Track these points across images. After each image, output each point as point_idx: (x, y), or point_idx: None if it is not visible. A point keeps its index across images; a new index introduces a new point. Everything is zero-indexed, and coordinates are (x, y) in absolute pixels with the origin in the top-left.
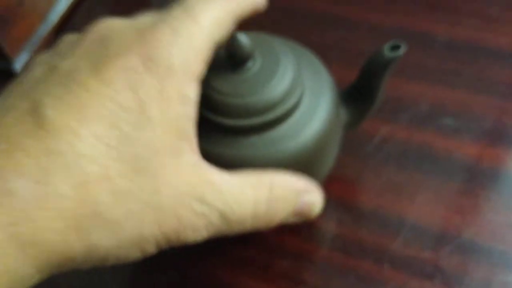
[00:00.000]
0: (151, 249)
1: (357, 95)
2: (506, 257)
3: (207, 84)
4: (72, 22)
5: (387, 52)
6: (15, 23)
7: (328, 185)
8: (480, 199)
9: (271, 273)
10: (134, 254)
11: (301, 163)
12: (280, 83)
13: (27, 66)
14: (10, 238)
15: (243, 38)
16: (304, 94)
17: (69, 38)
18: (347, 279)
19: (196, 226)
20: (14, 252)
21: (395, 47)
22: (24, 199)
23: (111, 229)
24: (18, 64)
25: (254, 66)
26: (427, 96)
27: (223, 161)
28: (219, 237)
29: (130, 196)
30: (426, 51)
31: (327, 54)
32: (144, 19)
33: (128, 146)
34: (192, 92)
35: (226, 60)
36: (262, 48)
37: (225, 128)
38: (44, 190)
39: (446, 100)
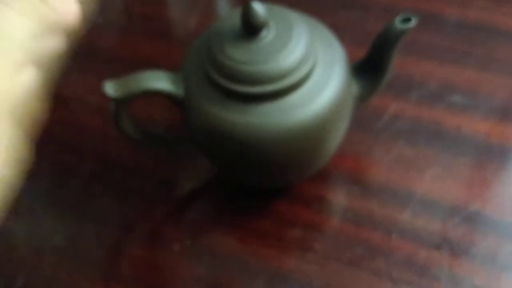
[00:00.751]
0: None
1: (368, 68)
2: None
3: (221, 52)
4: None
5: (398, 24)
6: None
7: (339, 159)
8: (488, 173)
9: (284, 242)
10: None
11: (312, 132)
12: (293, 53)
13: None
14: None
15: (258, 7)
16: (317, 65)
17: None
18: (357, 249)
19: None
20: None
21: (407, 20)
22: None
23: None
24: None
25: (268, 35)
26: (438, 75)
27: (237, 128)
28: (233, 210)
29: None
30: (437, 31)
31: (340, 34)
32: None
33: None
34: None
35: (241, 28)
36: (276, 18)
37: (238, 95)
38: None
39: (456, 78)
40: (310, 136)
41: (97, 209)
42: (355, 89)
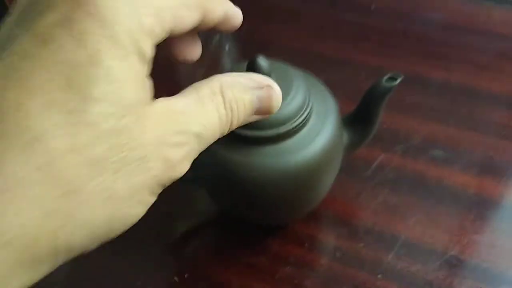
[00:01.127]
0: (148, 198)
1: (358, 121)
2: (489, 273)
3: None
4: None
5: (385, 82)
6: None
7: (330, 202)
8: (466, 221)
9: (276, 278)
10: (135, 210)
11: (306, 174)
12: (292, 102)
13: None
14: None
15: (262, 61)
16: (312, 114)
17: None
18: (344, 287)
19: (180, 158)
20: None
21: (392, 78)
22: None
23: (103, 200)
24: None
25: None
26: (422, 130)
27: (239, 167)
28: (231, 245)
29: (106, 161)
30: (422, 91)
31: (334, 89)
32: None
33: (91, 106)
34: (148, 49)
35: None
36: (278, 72)
37: (242, 138)
38: (3, 182)
39: (439, 134)
40: (304, 177)
41: None
42: (345, 138)
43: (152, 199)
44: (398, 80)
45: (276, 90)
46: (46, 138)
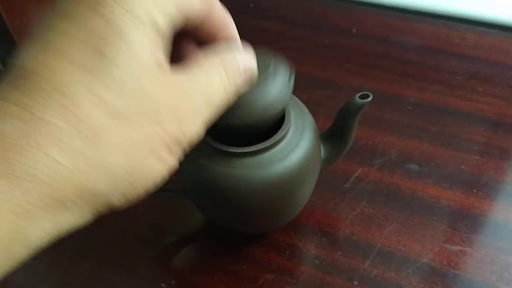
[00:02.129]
0: (167, 157)
1: (334, 136)
2: (459, 280)
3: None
4: None
5: (358, 99)
6: None
7: (310, 213)
8: (438, 231)
9: (258, 285)
10: (155, 165)
11: (285, 184)
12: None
13: None
14: (5, 178)
15: None
16: (291, 128)
17: None
18: None
19: (193, 123)
20: (13, 191)
21: (365, 96)
22: (13, 138)
23: (123, 149)
24: None
25: None
26: (397, 146)
27: (221, 177)
28: (215, 253)
29: (127, 114)
30: (398, 109)
31: (314, 108)
32: None
33: (113, 67)
34: (164, 26)
35: None
36: None
37: (223, 151)
38: (33, 127)
39: (413, 150)
40: (283, 187)
41: (91, 249)
42: (323, 152)
43: (171, 160)
44: (369, 98)
45: (253, 61)
46: (75, 95)
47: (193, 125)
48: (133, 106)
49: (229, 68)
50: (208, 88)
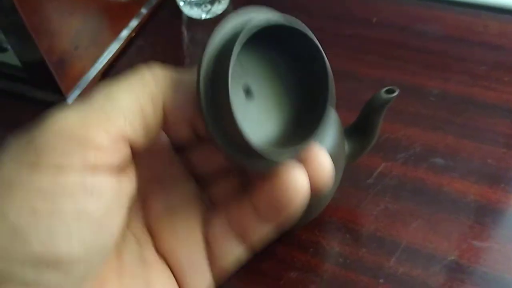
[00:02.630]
0: None
1: (358, 131)
2: (487, 278)
3: None
4: (116, 66)
5: (383, 94)
6: (71, 64)
7: (334, 210)
8: (465, 227)
9: (282, 283)
10: None
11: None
12: None
13: (76, 101)
14: None
15: None
16: None
17: None
18: None
19: None
20: None
21: (391, 91)
22: None
23: None
24: (70, 99)
25: None
26: (421, 139)
27: None
28: None
29: None
30: (421, 101)
31: (336, 102)
32: None
33: None
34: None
35: None
36: None
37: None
38: None
39: (438, 143)
40: None
41: None
42: (347, 148)
43: None
44: (396, 93)
45: None
46: None
47: None
48: None
49: None
50: None
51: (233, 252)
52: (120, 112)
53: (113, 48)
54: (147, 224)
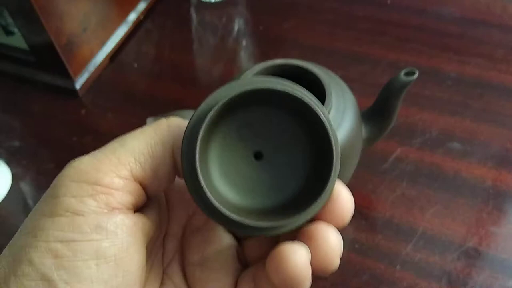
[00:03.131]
0: None
1: (375, 115)
2: (506, 264)
3: None
4: (124, 50)
5: (403, 77)
6: (79, 47)
7: None
8: (484, 213)
9: None
10: None
11: None
12: None
13: (85, 85)
14: None
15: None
16: (331, 109)
17: None
18: (363, 278)
19: None
20: None
21: (410, 73)
22: None
23: None
24: (79, 83)
25: None
26: (438, 124)
27: None
28: None
29: None
30: (438, 85)
31: (351, 85)
32: None
33: None
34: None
35: None
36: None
37: None
38: None
39: (455, 127)
40: None
41: None
42: (364, 132)
43: None
44: (415, 75)
45: None
46: None
47: None
48: None
49: None
50: None
51: None
52: (130, 154)
53: (121, 31)
54: (183, 272)
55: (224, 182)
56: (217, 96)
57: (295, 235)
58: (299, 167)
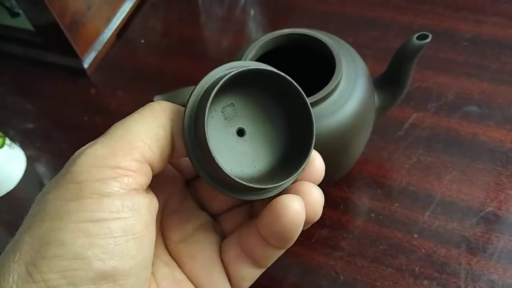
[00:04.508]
0: None
1: (388, 82)
2: None
3: None
4: (131, 26)
5: (415, 41)
6: (84, 25)
7: (363, 165)
8: (503, 177)
9: (313, 241)
10: None
11: (337, 138)
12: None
13: (93, 64)
14: None
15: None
16: (342, 78)
17: None
18: (380, 247)
19: None
20: None
21: (423, 36)
22: None
23: None
24: (87, 62)
25: None
26: (454, 87)
27: None
28: None
29: None
30: (453, 47)
31: (362, 51)
32: None
33: None
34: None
35: None
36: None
37: None
38: None
39: (472, 90)
40: (337, 141)
41: None
42: (377, 100)
43: None
44: (428, 39)
45: None
46: None
47: None
48: None
49: None
50: None
51: (248, 273)
52: (138, 138)
53: (127, 6)
54: (169, 252)
55: (216, 155)
56: (209, 79)
57: (281, 193)
58: (280, 140)
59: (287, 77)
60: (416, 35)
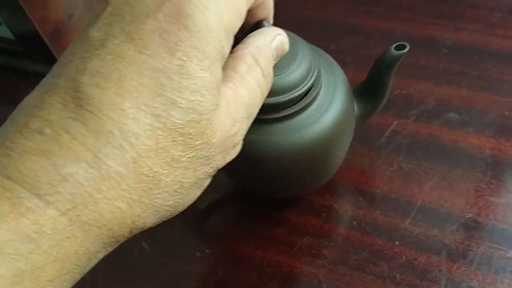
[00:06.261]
0: (206, 183)
1: (368, 91)
2: (506, 234)
3: None
4: None
5: (393, 51)
6: (66, 35)
7: (345, 172)
8: (482, 183)
9: (295, 249)
10: (195, 193)
11: (318, 148)
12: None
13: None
14: (72, 222)
15: (267, 25)
16: (321, 89)
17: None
18: (362, 254)
19: (235, 145)
20: (79, 235)
21: (401, 47)
22: (81, 183)
23: (174, 190)
24: None
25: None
26: (434, 94)
27: (252, 144)
28: (249, 219)
29: (180, 160)
30: (433, 54)
31: (343, 59)
32: None
33: (175, 112)
34: (227, 49)
35: None
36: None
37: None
38: (99, 173)
39: (452, 97)
40: (318, 151)
41: None
42: (357, 109)
43: (208, 182)
44: (406, 49)
45: (283, 33)
46: (135, 139)
47: (235, 152)
48: (187, 151)
49: (265, 68)
50: (250, 101)
51: None
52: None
53: None
54: None
55: None
56: None
57: None
58: None
59: None
60: (394, 45)
